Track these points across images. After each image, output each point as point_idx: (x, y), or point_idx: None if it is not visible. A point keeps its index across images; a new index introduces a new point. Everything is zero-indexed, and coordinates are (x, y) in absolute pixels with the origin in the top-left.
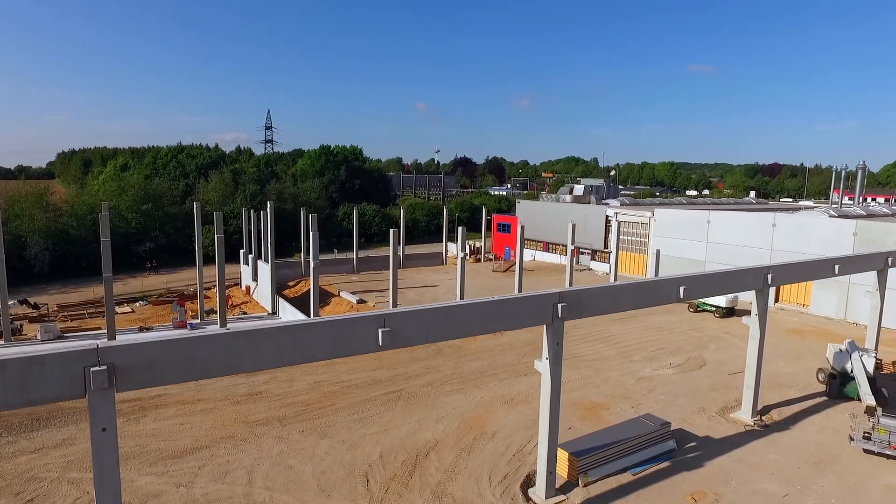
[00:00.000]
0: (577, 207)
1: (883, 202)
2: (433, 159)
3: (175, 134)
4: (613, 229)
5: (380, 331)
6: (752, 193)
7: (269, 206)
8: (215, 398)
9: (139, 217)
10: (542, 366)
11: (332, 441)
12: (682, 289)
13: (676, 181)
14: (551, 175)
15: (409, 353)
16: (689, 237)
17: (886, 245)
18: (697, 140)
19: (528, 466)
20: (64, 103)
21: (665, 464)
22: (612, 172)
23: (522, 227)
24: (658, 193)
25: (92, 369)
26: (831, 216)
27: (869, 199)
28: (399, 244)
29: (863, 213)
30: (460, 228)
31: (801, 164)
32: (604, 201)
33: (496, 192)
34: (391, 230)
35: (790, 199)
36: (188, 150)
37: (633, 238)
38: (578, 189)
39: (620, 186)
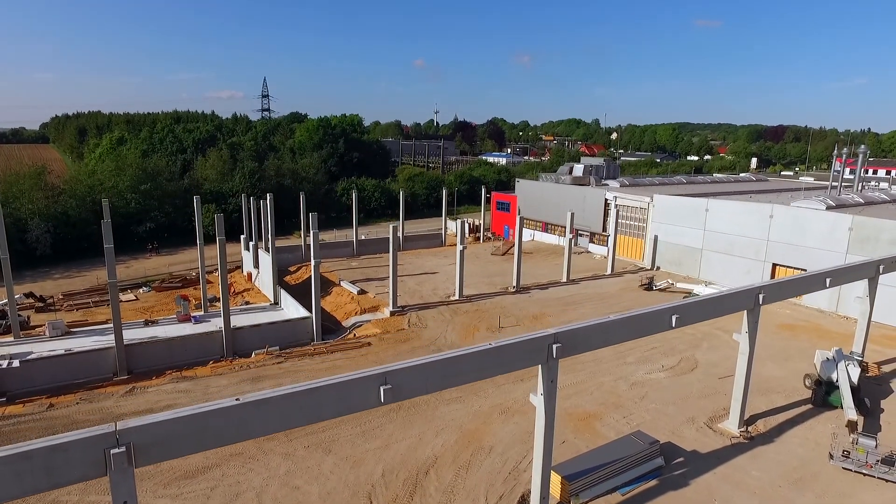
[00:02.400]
0: (576, 189)
1: (885, 176)
2: (432, 120)
3: (169, 94)
4: (612, 213)
5: (381, 388)
6: (754, 160)
7: (269, 197)
8: None
9: (138, 197)
10: (537, 400)
11: (336, 458)
12: (674, 318)
13: (678, 146)
14: (552, 138)
15: (410, 355)
16: (687, 224)
17: (880, 241)
18: (702, 99)
19: (522, 485)
20: (52, 60)
21: (653, 482)
22: (614, 135)
23: (521, 219)
24: (659, 160)
25: (112, 451)
26: (829, 207)
27: (870, 173)
28: (398, 221)
29: (860, 200)
30: (459, 221)
31: (806, 126)
32: (603, 182)
33: (495, 160)
34: (391, 226)
35: (791, 173)
36: (184, 119)
37: (632, 222)
38: (578, 169)
39: (621, 151)
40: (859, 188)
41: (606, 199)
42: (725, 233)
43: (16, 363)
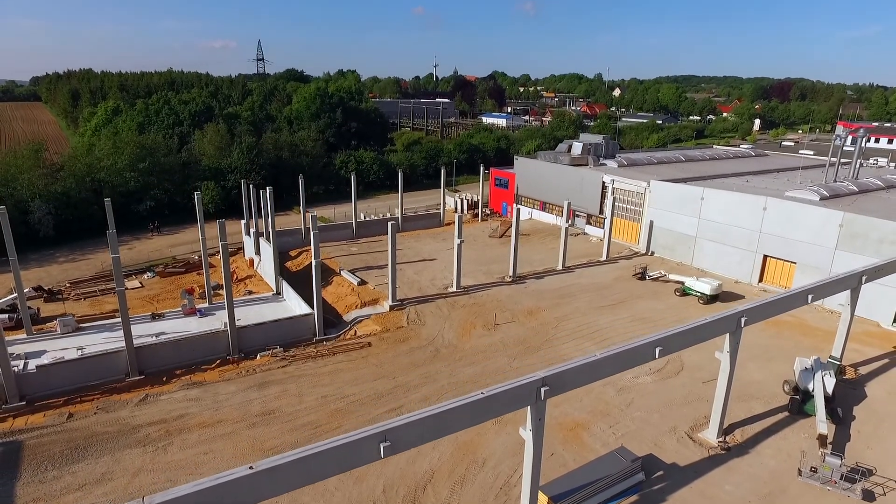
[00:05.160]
0: (574, 171)
1: (887, 146)
2: (431, 74)
3: (160, 44)
4: (609, 198)
5: (381, 445)
6: (757, 122)
7: (268, 190)
8: (232, 419)
9: (137, 175)
10: (526, 434)
11: None
12: (657, 350)
13: (681, 106)
14: (553, 95)
15: (408, 357)
16: (682, 212)
17: (869, 239)
18: (708, 52)
19: (513, 500)
20: (39, 7)
21: (633, 497)
22: (617, 92)
23: (518, 210)
24: (661, 122)
25: None
26: (823, 197)
27: (872, 142)
28: (397, 193)
29: (855, 189)
30: (457, 216)
31: (814, 81)
32: (602, 161)
33: (495, 122)
34: (389, 223)
35: (791, 144)
36: (179, 82)
37: (629, 206)
38: (577, 147)
39: (623, 109)
40: (857, 169)
41: (604, 182)
42: (719, 222)
43: (33, 368)
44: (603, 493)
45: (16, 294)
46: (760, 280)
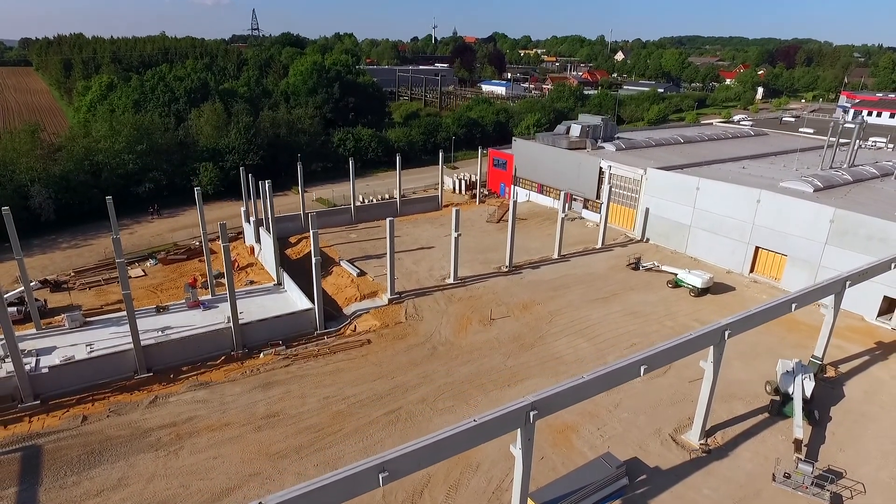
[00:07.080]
0: (571, 156)
1: (889, 122)
2: (430, 36)
3: (152, 3)
4: (606, 185)
5: (380, 475)
6: (760, 91)
7: (268, 184)
8: (239, 421)
9: (134, 158)
10: (516, 452)
11: None
12: (643, 368)
13: (683, 73)
14: (554, 59)
15: (406, 355)
16: (678, 201)
17: (858, 236)
18: (714, 6)
19: None
20: None
21: (616, 502)
22: (619, 55)
23: (515, 203)
24: (662, 90)
25: None
26: (817, 189)
27: (874, 116)
28: (395, 170)
29: (850, 178)
30: (454, 210)
31: (822, 42)
32: (600, 144)
33: (494, 90)
34: (388, 220)
35: (792, 120)
36: (172, 51)
37: (626, 192)
38: (575, 129)
39: (624, 76)
40: (854, 152)
41: (601, 168)
42: (714, 212)
43: (45, 367)
44: (589, 497)
45: (23, 287)
46: (752, 270)
